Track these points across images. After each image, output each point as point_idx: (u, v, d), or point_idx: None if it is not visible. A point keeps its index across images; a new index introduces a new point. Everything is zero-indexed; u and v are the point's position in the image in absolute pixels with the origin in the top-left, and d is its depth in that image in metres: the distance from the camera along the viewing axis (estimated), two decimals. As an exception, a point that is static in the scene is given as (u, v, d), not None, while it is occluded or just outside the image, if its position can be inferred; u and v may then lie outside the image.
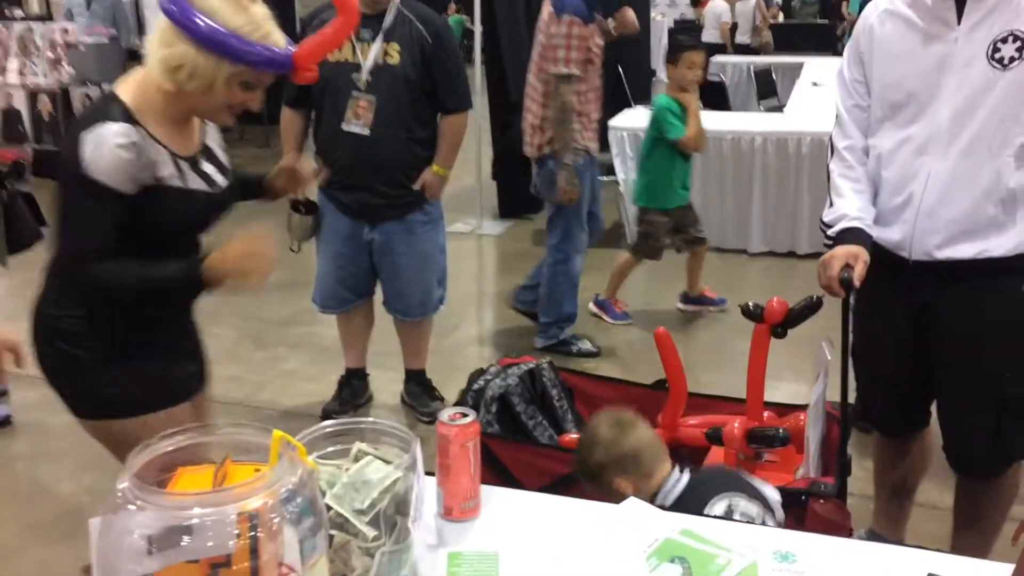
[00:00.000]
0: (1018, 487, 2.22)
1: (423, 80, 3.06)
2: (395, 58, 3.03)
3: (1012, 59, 1.85)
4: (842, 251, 2.01)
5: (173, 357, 1.94)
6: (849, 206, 2.07)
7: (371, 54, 3.03)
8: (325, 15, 3.10)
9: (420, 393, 3.54)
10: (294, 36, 3.20)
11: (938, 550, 1.32)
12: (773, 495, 1.81)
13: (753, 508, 1.72)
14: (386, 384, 3.76)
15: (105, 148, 1.67)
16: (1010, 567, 1.22)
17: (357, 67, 3.04)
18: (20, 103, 7.96)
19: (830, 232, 2.09)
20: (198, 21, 1.66)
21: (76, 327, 1.82)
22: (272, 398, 3.76)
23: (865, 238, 2.03)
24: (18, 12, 8.98)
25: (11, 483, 3.16)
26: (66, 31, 8.36)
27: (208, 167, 1.88)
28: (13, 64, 8.15)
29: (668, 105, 4.31)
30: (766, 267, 5.38)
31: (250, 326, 4.57)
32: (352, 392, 3.57)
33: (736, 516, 1.69)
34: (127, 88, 1.77)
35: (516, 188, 6.52)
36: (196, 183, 1.83)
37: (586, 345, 4.10)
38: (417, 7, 3.14)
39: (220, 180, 1.90)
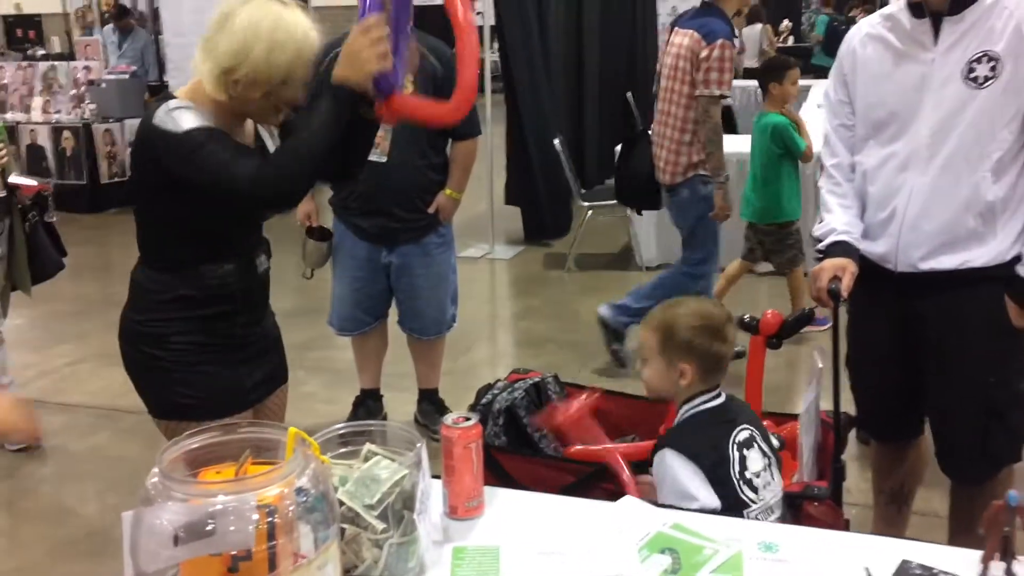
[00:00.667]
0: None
1: None
2: (409, 88, 3.15)
3: (986, 78, 1.94)
4: (830, 264, 2.10)
5: (245, 363, 2.03)
6: (837, 221, 2.16)
7: None
8: (340, 50, 3.23)
9: (433, 412, 3.64)
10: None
11: (902, 534, 1.39)
12: (775, 443, 1.93)
13: (765, 451, 1.81)
14: (400, 404, 3.85)
15: (179, 112, 1.80)
16: (979, 553, 1.30)
17: None
18: (44, 140, 8.18)
19: (820, 246, 2.19)
20: None
21: (158, 329, 1.95)
22: (290, 419, 3.83)
23: (852, 251, 2.12)
24: (40, 51, 9.26)
25: (39, 504, 3.27)
26: (88, 69, 8.60)
27: None
28: (37, 102, 8.39)
29: (786, 122, 4.46)
30: (774, 284, 5.44)
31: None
32: (367, 412, 3.67)
33: (753, 449, 1.78)
34: (181, 92, 1.91)
35: (537, 212, 6.67)
36: None
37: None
38: (428, 39, 3.27)
39: None
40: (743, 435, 1.78)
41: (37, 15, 14.88)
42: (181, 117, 1.79)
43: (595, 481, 2.14)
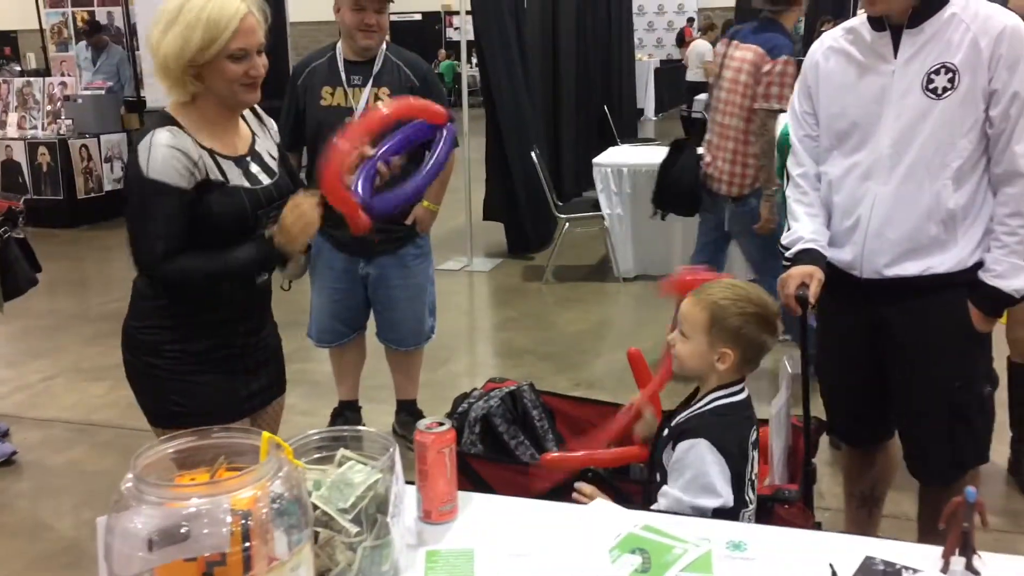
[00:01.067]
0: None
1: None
2: (386, 102, 3.19)
3: (945, 89, 1.99)
4: (797, 271, 2.14)
5: (242, 373, 2.08)
6: (804, 229, 2.21)
7: (363, 98, 3.19)
8: (317, 63, 3.26)
9: (411, 423, 3.60)
10: (283, 80, 3.37)
11: (874, 535, 1.42)
12: None
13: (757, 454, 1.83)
14: (378, 416, 3.86)
15: (156, 150, 1.87)
16: (940, 549, 1.34)
17: (350, 111, 3.19)
18: (20, 155, 8.14)
19: (787, 254, 2.23)
20: None
21: (154, 336, 2.01)
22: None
23: (819, 258, 2.16)
24: (16, 67, 9.21)
25: (16, 519, 3.25)
26: (64, 84, 8.57)
27: (254, 167, 2.05)
28: (12, 118, 8.36)
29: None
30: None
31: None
32: (345, 423, 3.67)
33: (755, 451, 1.80)
34: (172, 106, 1.99)
35: (520, 225, 6.70)
36: (239, 180, 1.99)
37: None
38: (404, 53, 3.30)
39: (265, 180, 2.07)
40: (754, 436, 1.80)
41: (13, 31, 14.81)
42: (157, 157, 1.88)
43: (571, 488, 2.17)
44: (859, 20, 2.14)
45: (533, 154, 6.21)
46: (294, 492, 1.17)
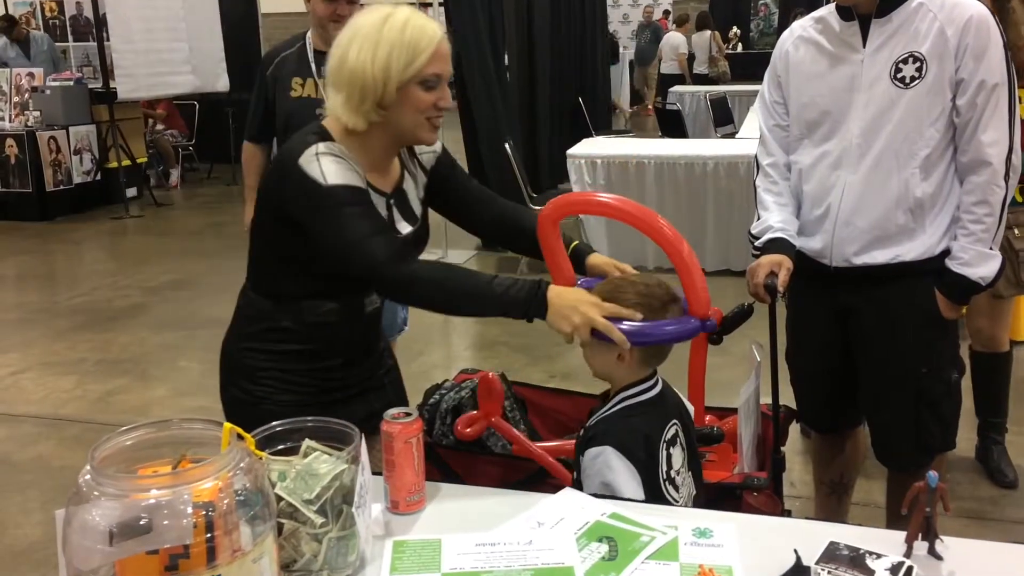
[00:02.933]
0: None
1: None
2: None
3: (912, 78, 2.01)
4: (767, 260, 2.15)
5: (340, 405, 1.83)
6: (773, 218, 2.22)
7: None
8: (287, 53, 3.23)
9: (385, 415, 3.63)
10: (253, 66, 3.32)
11: (842, 521, 1.43)
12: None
13: (684, 445, 1.78)
14: (352, 409, 3.85)
15: (325, 159, 1.65)
16: (903, 534, 1.35)
17: (320, 103, 3.14)
18: (-14, 147, 8.03)
19: (757, 243, 2.24)
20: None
21: (250, 360, 1.84)
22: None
23: (788, 247, 2.18)
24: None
25: (-19, 516, 3.21)
26: (32, 75, 8.45)
27: (396, 212, 1.83)
28: (-22, 109, 8.23)
29: None
30: (722, 285, 5.50)
31: (216, 358, 4.63)
32: (319, 416, 3.65)
33: (676, 446, 1.74)
34: (330, 125, 1.76)
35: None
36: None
37: None
38: None
39: (404, 228, 1.83)
40: (671, 432, 1.76)
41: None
42: (330, 165, 1.65)
43: (544, 476, 2.17)
44: (828, 10, 2.15)
45: (507, 146, 6.20)
46: (256, 482, 1.16)
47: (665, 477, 1.72)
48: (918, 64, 2.00)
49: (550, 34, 8.29)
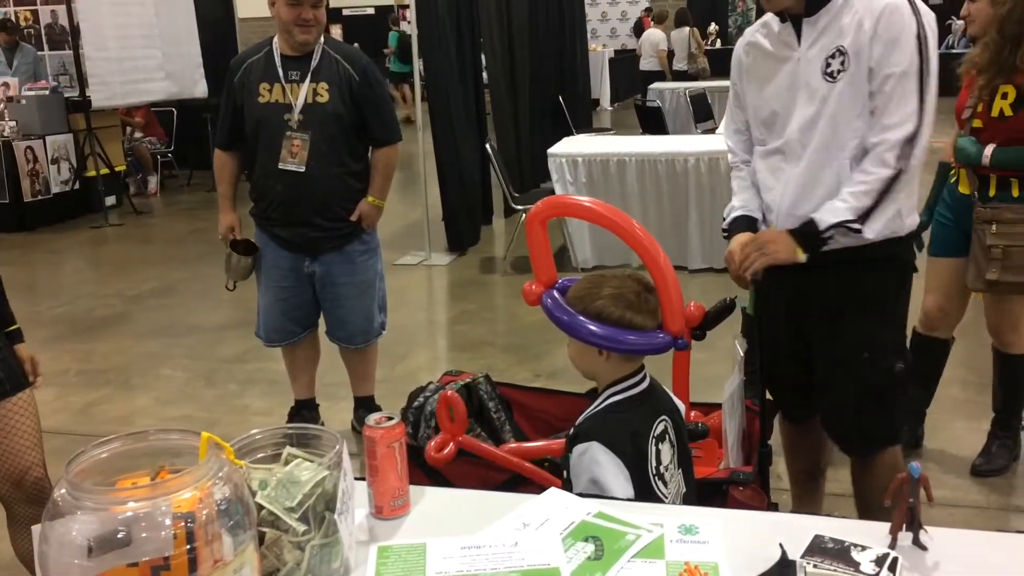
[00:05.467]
0: (890, 474, 2.36)
1: (353, 116, 3.18)
2: (324, 96, 3.15)
3: (839, 72, 2.07)
4: (736, 243, 2.22)
5: None
6: (737, 200, 2.35)
7: (301, 94, 3.14)
8: (254, 59, 3.21)
9: (369, 419, 3.61)
10: (221, 73, 3.32)
11: (828, 515, 1.43)
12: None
13: (674, 442, 1.79)
14: (337, 413, 3.83)
15: None
16: (887, 525, 1.35)
17: (288, 107, 3.15)
18: (-37, 159, 7.94)
19: (724, 225, 2.34)
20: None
21: None
22: (224, 433, 3.75)
23: (753, 222, 2.28)
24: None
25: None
26: (7, 86, 8.37)
27: None
28: (-47, 120, 8.14)
29: None
30: (706, 282, 5.55)
31: (200, 365, 4.62)
32: (303, 422, 3.63)
33: (666, 442, 1.75)
34: None
35: (453, 224, 6.66)
36: None
37: None
38: (342, 47, 3.27)
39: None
40: (660, 427, 1.76)
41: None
42: None
43: (528, 479, 2.16)
44: (771, 15, 2.22)
45: (488, 146, 6.18)
46: (236, 491, 1.14)
47: (655, 472, 1.72)
48: (842, 58, 2.07)
49: (529, 32, 8.28)
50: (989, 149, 2.80)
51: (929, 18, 2.03)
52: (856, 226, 2.03)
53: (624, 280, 1.78)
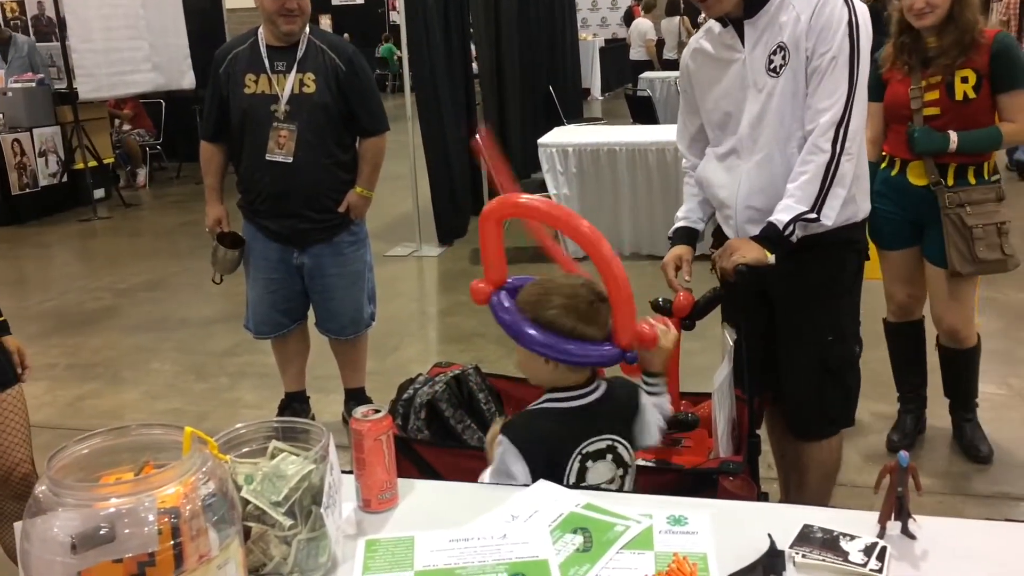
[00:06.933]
0: (840, 459, 2.47)
1: (340, 106, 3.16)
2: (311, 87, 3.12)
3: (780, 66, 2.13)
4: (669, 256, 2.38)
5: None
6: (682, 209, 2.46)
7: (287, 85, 3.12)
8: (239, 50, 3.19)
9: (361, 412, 3.61)
10: (207, 65, 3.32)
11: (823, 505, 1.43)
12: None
13: (622, 462, 1.73)
14: (328, 406, 3.82)
15: None
16: (874, 515, 1.35)
17: (275, 98, 3.13)
18: (-52, 152, 7.88)
19: (668, 233, 2.47)
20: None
21: None
22: (215, 427, 3.75)
23: (691, 234, 2.42)
24: (-58, 61, 8.89)
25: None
26: (-8, 78, 8.31)
27: None
28: (-61, 113, 8.08)
29: None
30: (697, 270, 5.54)
31: (190, 359, 4.60)
32: (293, 415, 3.61)
33: (604, 461, 1.69)
34: None
35: (449, 215, 6.65)
36: None
37: None
38: (328, 36, 3.24)
39: None
40: (598, 445, 1.69)
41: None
42: None
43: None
44: (712, 20, 2.26)
45: (479, 139, 6.14)
46: (221, 486, 1.13)
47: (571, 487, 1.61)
48: (783, 53, 2.13)
49: (519, 22, 8.25)
50: (954, 135, 2.84)
51: (862, 9, 2.09)
52: (812, 215, 2.09)
53: (576, 288, 1.72)
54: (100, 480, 1.14)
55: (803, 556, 1.27)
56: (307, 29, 3.16)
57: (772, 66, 2.14)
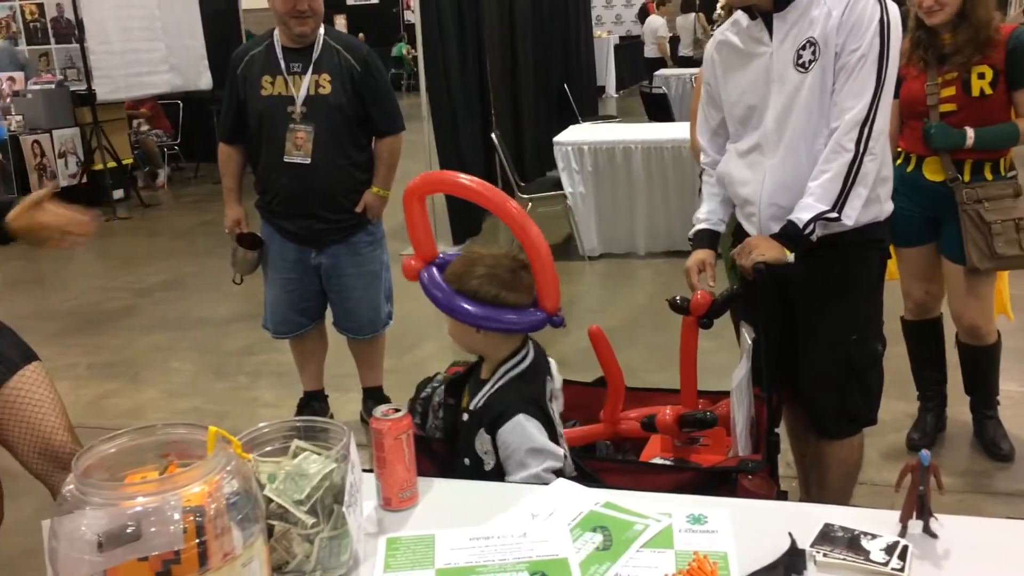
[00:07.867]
0: (861, 458, 2.46)
1: (356, 106, 3.17)
2: (327, 88, 3.14)
3: (810, 62, 2.11)
4: (693, 260, 2.34)
5: None
6: (702, 210, 2.43)
7: (303, 86, 3.14)
8: (255, 52, 3.21)
9: (378, 410, 3.62)
10: (224, 65, 3.35)
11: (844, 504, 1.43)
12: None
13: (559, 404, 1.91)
14: (346, 404, 3.84)
15: None
16: (895, 514, 1.35)
17: (291, 100, 3.14)
18: (-31, 154, 7.96)
19: (689, 235, 2.44)
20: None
21: None
22: (234, 425, 3.77)
23: (711, 236, 2.40)
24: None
25: (-24, 525, 3.19)
26: (12, 80, 8.38)
27: None
28: (-40, 116, 8.16)
29: None
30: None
31: (208, 358, 4.63)
32: (312, 414, 3.63)
33: (557, 401, 1.89)
34: None
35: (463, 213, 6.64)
36: None
37: None
38: (342, 37, 3.25)
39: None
40: (548, 389, 1.85)
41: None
42: None
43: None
44: (740, 12, 2.25)
45: (494, 136, 6.17)
46: (245, 484, 1.15)
47: (560, 433, 1.84)
48: (813, 48, 2.11)
49: (533, 19, 8.25)
50: (971, 131, 2.82)
51: (894, 10, 2.08)
52: (833, 215, 2.08)
53: (498, 258, 1.81)
54: (125, 479, 1.16)
55: (824, 555, 1.27)
56: (322, 30, 3.18)
57: (800, 61, 2.12)
